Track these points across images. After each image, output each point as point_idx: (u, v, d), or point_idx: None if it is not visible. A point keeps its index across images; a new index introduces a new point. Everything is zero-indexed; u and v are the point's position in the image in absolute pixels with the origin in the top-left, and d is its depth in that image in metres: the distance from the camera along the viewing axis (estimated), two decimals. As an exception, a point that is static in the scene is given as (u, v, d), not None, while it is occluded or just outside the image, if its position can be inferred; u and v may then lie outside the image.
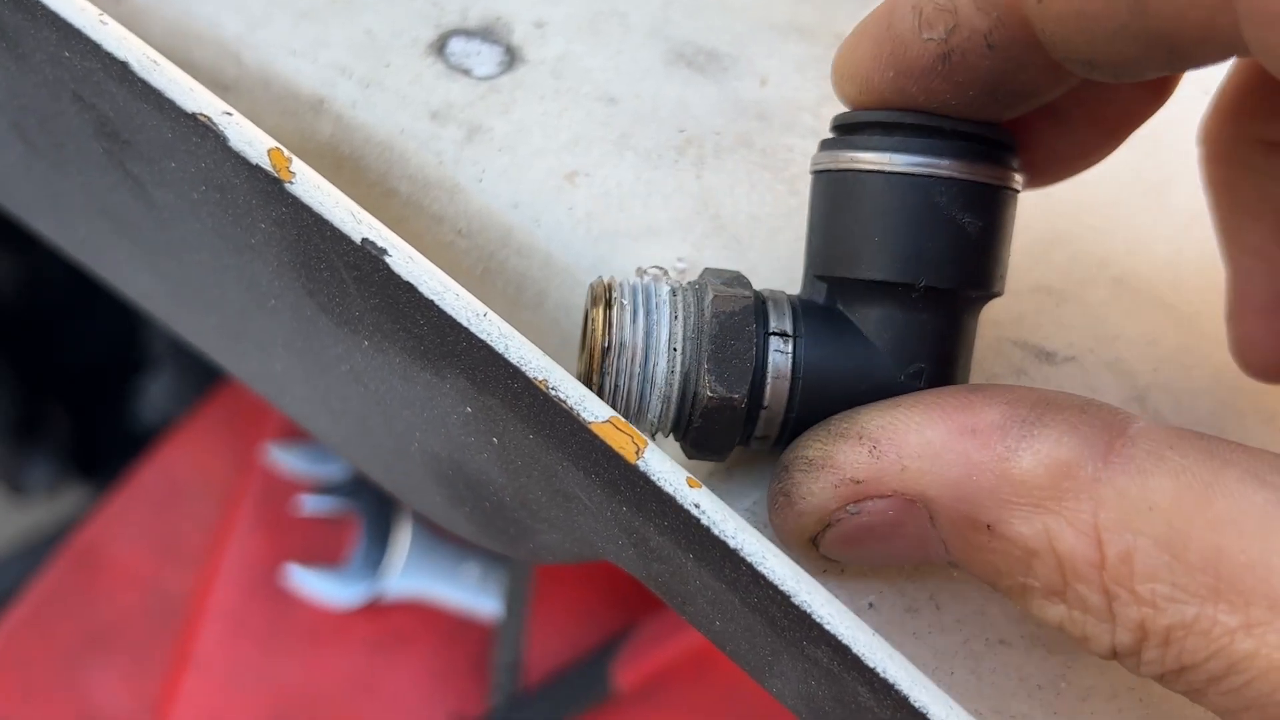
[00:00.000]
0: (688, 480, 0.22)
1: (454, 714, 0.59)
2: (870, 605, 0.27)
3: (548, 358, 0.23)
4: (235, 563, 0.64)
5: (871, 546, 0.25)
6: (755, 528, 0.22)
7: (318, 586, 0.62)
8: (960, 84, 0.24)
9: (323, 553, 0.64)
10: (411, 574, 0.62)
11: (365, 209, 0.24)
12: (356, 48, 0.32)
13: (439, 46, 0.32)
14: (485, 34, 0.32)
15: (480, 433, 0.26)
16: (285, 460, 0.66)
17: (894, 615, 0.27)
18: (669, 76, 0.32)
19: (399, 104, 0.31)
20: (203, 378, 0.81)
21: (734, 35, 0.33)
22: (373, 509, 0.64)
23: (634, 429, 0.23)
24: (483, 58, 0.32)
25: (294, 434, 0.67)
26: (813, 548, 0.25)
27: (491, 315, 0.23)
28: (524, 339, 0.23)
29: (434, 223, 0.31)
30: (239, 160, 0.24)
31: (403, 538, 0.63)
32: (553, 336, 0.30)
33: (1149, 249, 0.32)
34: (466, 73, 0.32)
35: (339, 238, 0.24)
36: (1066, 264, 0.31)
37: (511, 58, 0.32)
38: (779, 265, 0.30)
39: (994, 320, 0.30)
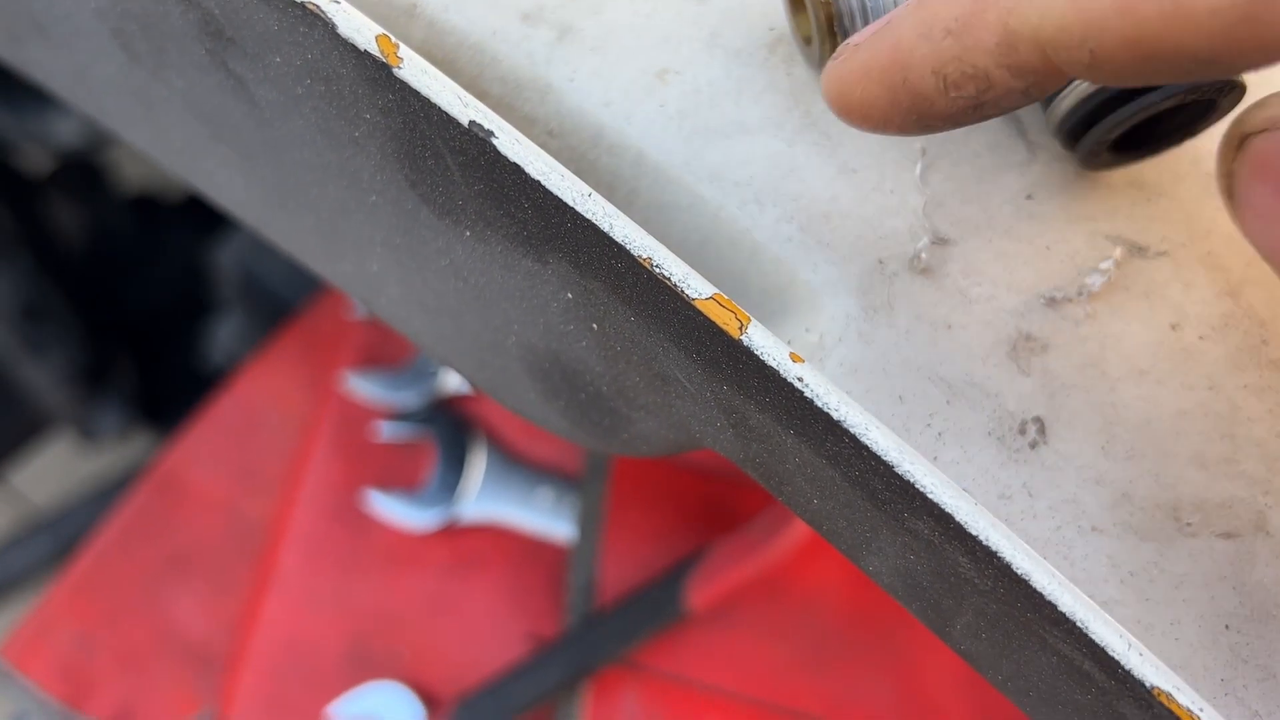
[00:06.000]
0: (790, 355, 0.23)
1: (530, 634, 0.60)
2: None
3: (651, 237, 0.23)
4: (314, 488, 0.65)
5: None
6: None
7: (395, 510, 0.63)
8: (992, 115, 0.24)
9: (400, 478, 0.65)
10: (486, 498, 0.63)
11: None
12: (446, -47, 0.32)
13: (528, -50, 0.32)
14: (573, -63, 0.32)
15: (580, 320, 0.27)
16: (362, 388, 0.67)
17: (987, 501, 0.27)
18: (758, -25, 0.32)
19: (490, 7, 0.31)
20: (270, 320, 0.82)
21: (822, -65, 0.33)
22: (448, 435, 0.65)
23: (737, 305, 0.23)
24: (571, -40, 0.32)
25: (370, 362, 0.68)
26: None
27: (596, 195, 0.23)
28: (628, 219, 0.23)
29: (526, 124, 0.31)
30: (347, 48, 0.24)
31: (478, 463, 0.64)
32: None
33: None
34: (556, -25, 0.32)
35: (446, 121, 0.24)
36: (1159, 160, 0.30)
37: (600, -40, 0.32)
38: (871, 161, 0.30)
39: (1088, 214, 0.30)
